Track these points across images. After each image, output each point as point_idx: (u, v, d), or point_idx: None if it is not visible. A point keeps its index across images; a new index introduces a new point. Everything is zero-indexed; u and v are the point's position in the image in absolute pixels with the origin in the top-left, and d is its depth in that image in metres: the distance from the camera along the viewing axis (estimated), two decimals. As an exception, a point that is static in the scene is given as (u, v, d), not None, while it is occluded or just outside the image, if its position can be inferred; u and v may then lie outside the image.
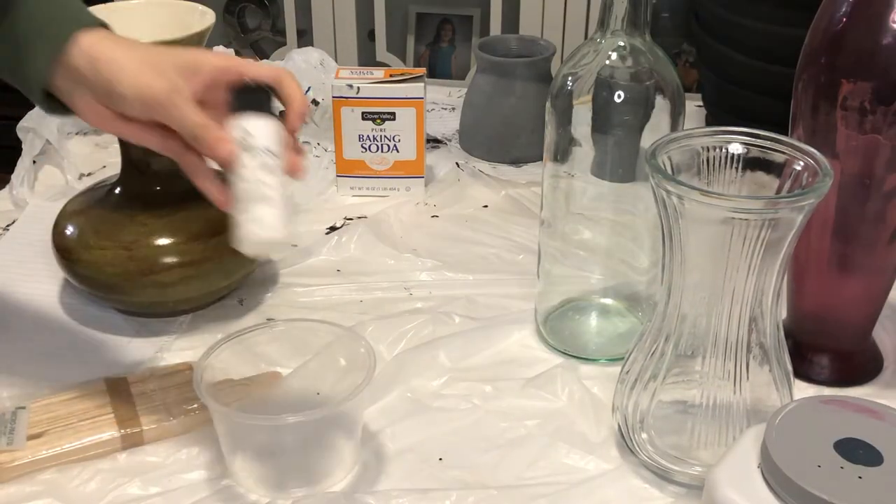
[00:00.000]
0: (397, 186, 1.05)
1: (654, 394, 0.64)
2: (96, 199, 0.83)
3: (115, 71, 0.59)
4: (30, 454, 0.66)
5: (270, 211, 0.60)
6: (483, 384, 0.75)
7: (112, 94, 0.60)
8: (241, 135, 0.61)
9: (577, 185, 0.76)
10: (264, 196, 0.60)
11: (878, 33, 0.65)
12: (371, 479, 0.66)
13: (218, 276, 0.81)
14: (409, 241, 0.96)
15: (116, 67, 0.59)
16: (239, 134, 0.61)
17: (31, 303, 0.86)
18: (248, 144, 0.61)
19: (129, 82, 0.59)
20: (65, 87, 0.61)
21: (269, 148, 0.61)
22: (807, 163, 0.59)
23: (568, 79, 0.72)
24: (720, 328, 0.61)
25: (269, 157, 0.61)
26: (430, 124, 1.19)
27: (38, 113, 1.16)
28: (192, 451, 0.69)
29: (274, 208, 0.60)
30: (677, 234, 0.59)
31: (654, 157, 0.59)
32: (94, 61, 0.59)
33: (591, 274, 0.81)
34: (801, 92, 0.69)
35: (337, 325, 0.71)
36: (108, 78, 0.59)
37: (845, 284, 0.73)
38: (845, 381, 0.76)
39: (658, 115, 0.72)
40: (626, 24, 0.70)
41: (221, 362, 0.68)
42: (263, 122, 0.62)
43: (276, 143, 0.62)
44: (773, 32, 0.96)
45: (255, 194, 0.60)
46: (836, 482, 0.50)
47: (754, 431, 0.56)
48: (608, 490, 0.66)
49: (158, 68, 0.60)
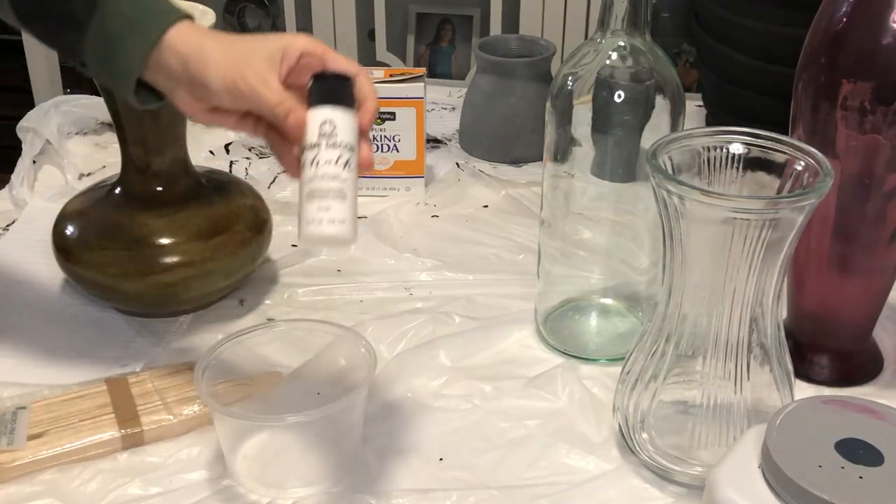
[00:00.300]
0: (397, 186, 1.05)
1: (655, 394, 0.64)
2: (96, 199, 0.83)
3: (203, 66, 0.60)
4: (30, 454, 0.66)
5: (341, 206, 0.58)
6: (483, 384, 0.75)
7: (201, 87, 0.61)
8: (325, 126, 0.60)
9: (577, 185, 0.76)
10: (339, 191, 0.58)
11: (878, 33, 0.65)
12: (371, 479, 0.66)
13: (218, 276, 0.81)
14: (409, 241, 0.96)
15: (204, 62, 0.60)
16: (324, 126, 0.60)
17: (31, 303, 0.86)
18: (331, 137, 0.60)
19: (215, 75, 0.60)
20: (158, 80, 0.62)
21: (349, 143, 0.60)
22: (807, 163, 0.59)
23: (568, 79, 0.72)
24: (721, 328, 0.61)
25: (347, 152, 0.60)
26: (430, 124, 1.19)
27: (38, 113, 1.16)
28: (193, 451, 0.69)
29: (345, 205, 0.59)
30: (678, 234, 0.59)
31: (655, 157, 0.59)
32: (182, 56, 0.60)
33: (591, 274, 0.81)
34: (802, 92, 0.69)
35: (337, 325, 0.71)
36: (197, 72, 0.60)
37: (845, 284, 0.73)
38: (845, 381, 0.76)
39: (658, 115, 0.72)
40: (627, 24, 0.70)
41: (222, 362, 0.68)
42: (344, 115, 0.60)
43: (355, 138, 0.61)
44: (773, 32, 0.96)
45: (329, 188, 0.58)
46: (836, 482, 0.50)
47: (755, 431, 0.56)
48: (609, 490, 0.66)
49: (244, 59, 0.60)
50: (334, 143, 0.59)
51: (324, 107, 0.60)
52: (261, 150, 1.16)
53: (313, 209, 0.58)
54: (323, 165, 0.59)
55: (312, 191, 0.58)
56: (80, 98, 1.20)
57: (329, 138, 0.59)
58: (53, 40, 0.65)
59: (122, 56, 0.61)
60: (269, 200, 0.92)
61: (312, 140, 0.59)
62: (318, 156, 0.59)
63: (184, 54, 0.60)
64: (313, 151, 0.59)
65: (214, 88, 0.60)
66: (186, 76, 0.61)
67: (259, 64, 0.60)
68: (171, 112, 0.79)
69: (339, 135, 0.59)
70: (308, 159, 0.59)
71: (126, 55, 0.61)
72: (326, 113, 0.60)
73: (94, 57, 0.62)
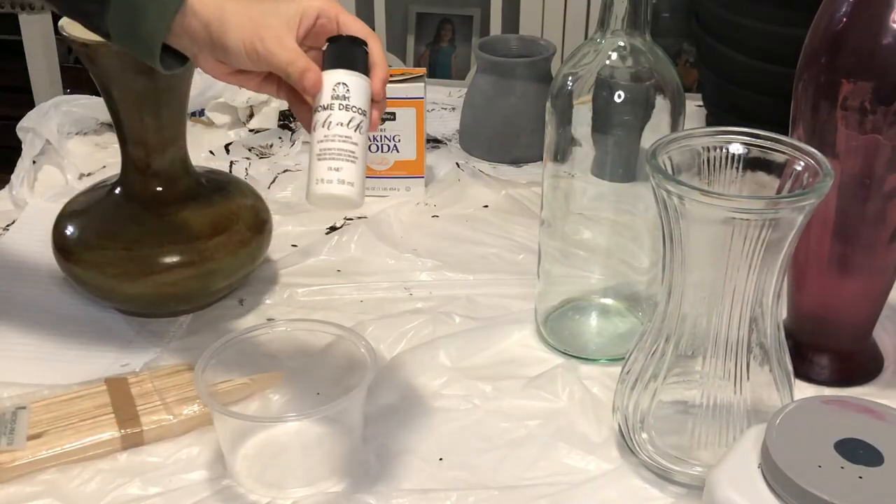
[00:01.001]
0: (397, 186, 1.05)
1: (655, 394, 0.64)
2: (96, 199, 0.83)
3: (223, 29, 0.61)
4: (30, 454, 0.66)
5: (351, 168, 0.60)
6: (483, 384, 0.75)
7: (221, 50, 0.62)
8: (339, 88, 0.61)
9: (578, 185, 0.76)
10: (350, 153, 0.60)
11: (878, 33, 0.65)
12: (371, 480, 0.66)
13: (218, 276, 0.81)
14: (409, 241, 0.96)
15: (223, 25, 0.61)
16: (337, 88, 0.61)
17: (32, 303, 0.86)
18: (343, 99, 0.61)
19: (234, 38, 0.61)
20: (183, 45, 0.63)
21: (361, 107, 0.61)
22: (807, 163, 0.59)
23: (568, 79, 0.72)
24: (720, 328, 0.61)
25: (360, 116, 0.61)
26: (430, 124, 1.19)
27: (38, 113, 1.16)
28: (192, 451, 0.68)
29: (355, 166, 0.60)
30: (678, 234, 0.59)
31: (655, 158, 0.59)
32: (204, 20, 0.61)
33: (592, 274, 0.81)
34: (802, 92, 0.69)
35: (337, 325, 0.71)
36: (218, 36, 0.61)
37: (845, 284, 0.73)
38: (845, 381, 0.76)
39: (658, 115, 0.72)
40: (627, 24, 0.70)
41: (221, 362, 0.68)
42: (357, 80, 0.61)
43: (367, 102, 0.62)
44: (773, 32, 0.96)
45: (341, 149, 0.60)
46: (836, 482, 0.50)
47: (755, 431, 0.56)
48: (609, 490, 0.66)
49: (262, 22, 0.61)
50: (346, 106, 0.61)
51: (338, 70, 0.61)
52: (261, 150, 1.16)
53: (323, 168, 0.59)
54: (335, 127, 0.60)
55: (323, 150, 0.60)
56: (80, 98, 1.20)
57: (342, 101, 0.61)
58: (76, 12, 0.65)
59: (146, 22, 0.61)
60: (269, 200, 0.92)
61: (325, 101, 0.61)
62: (331, 117, 0.60)
63: (205, 17, 0.61)
64: (326, 112, 0.61)
65: (234, 51, 0.61)
66: (208, 40, 0.61)
67: (277, 26, 0.61)
68: (171, 112, 0.79)
69: (351, 98, 0.61)
70: (320, 120, 0.61)
71: (149, 21, 0.61)
72: (340, 75, 0.61)
73: (118, 25, 0.63)
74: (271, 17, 0.62)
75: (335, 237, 0.95)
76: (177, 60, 0.65)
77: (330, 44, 0.63)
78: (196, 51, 0.63)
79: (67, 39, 0.74)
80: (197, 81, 1.06)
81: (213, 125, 1.20)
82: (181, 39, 0.62)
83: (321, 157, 0.60)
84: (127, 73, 0.75)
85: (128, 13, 0.62)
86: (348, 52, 0.62)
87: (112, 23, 0.62)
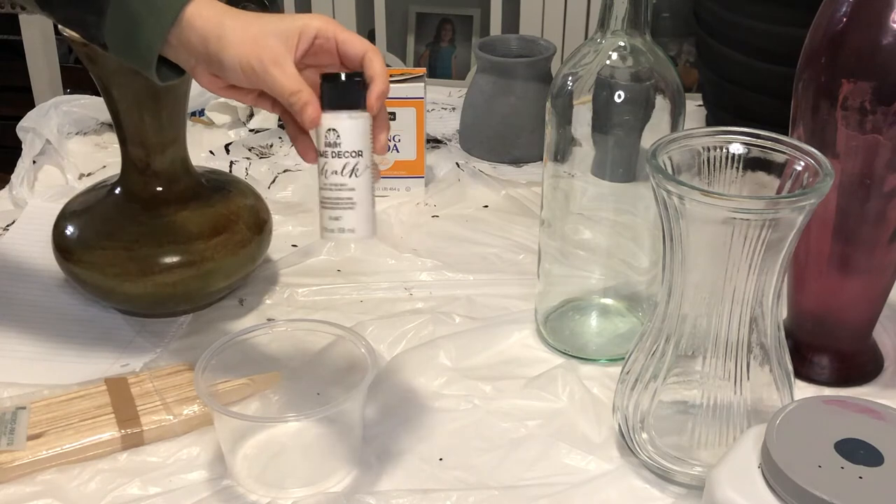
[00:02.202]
0: (397, 186, 1.05)
1: (655, 394, 0.64)
2: (96, 199, 0.83)
3: (220, 45, 0.61)
4: (30, 454, 0.66)
5: (350, 215, 0.62)
6: (483, 384, 0.75)
7: (218, 65, 0.62)
8: (329, 136, 0.62)
9: (578, 185, 0.76)
10: (348, 200, 0.62)
11: (878, 33, 0.65)
12: (371, 480, 0.66)
13: (218, 276, 0.81)
14: (409, 241, 0.96)
15: (221, 41, 0.61)
16: (328, 135, 0.62)
17: (32, 303, 0.86)
18: (335, 146, 0.62)
19: (232, 55, 0.61)
20: (179, 57, 0.63)
21: (354, 149, 0.62)
22: (807, 163, 0.59)
23: (568, 79, 0.72)
24: (721, 328, 0.61)
25: (354, 159, 0.62)
26: (430, 124, 1.19)
27: (38, 113, 1.16)
28: (192, 451, 0.69)
29: (355, 211, 0.62)
30: (678, 234, 0.59)
31: (655, 157, 0.59)
32: (201, 34, 0.61)
33: (592, 274, 0.81)
34: (801, 92, 0.69)
35: (337, 325, 0.71)
36: (215, 51, 0.61)
37: (845, 284, 0.73)
38: (845, 381, 0.76)
39: (658, 115, 0.72)
40: (627, 24, 0.70)
41: (222, 362, 0.68)
42: (350, 121, 0.62)
43: (365, 141, 0.62)
44: (773, 32, 0.96)
45: (338, 198, 0.62)
46: (836, 482, 0.50)
47: (755, 432, 0.56)
48: (609, 490, 0.66)
49: (260, 41, 0.61)
50: (339, 153, 0.62)
51: (329, 113, 0.62)
52: (261, 149, 1.16)
53: (326, 217, 0.63)
54: (331, 175, 0.62)
55: (324, 199, 0.63)
56: (80, 98, 1.20)
57: (334, 148, 0.62)
58: (74, 23, 0.65)
59: (142, 34, 0.61)
60: (269, 200, 0.92)
61: (321, 148, 0.62)
62: (326, 166, 0.62)
63: (203, 32, 0.61)
64: (322, 160, 0.62)
65: (230, 68, 0.61)
66: (205, 54, 0.61)
67: (275, 46, 0.61)
68: (171, 112, 0.79)
69: (343, 144, 0.62)
70: (319, 166, 0.63)
71: (146, 33, 0.61)
72: (330, 121, 0.62)
73: (115, 37, 0.62)
74: (270, 38, 0.61)
75: (335, 237, 0.95)
76: (173, 72, 0.64)
77: (323, 82, 0.63)
78: (193, 63, 0.63)
79: (67, 39, 0.74)
80: (197, 81, 1.06)
81: (213, 125, 1.20)
82: (178, 52, 0.62)
83: (323, 206, 0.63)
84: (127, 73, 0.75)
85: (124, 25, 0.61)
86: (341, 90, 0.62)
87: (109, 34, 0.62)
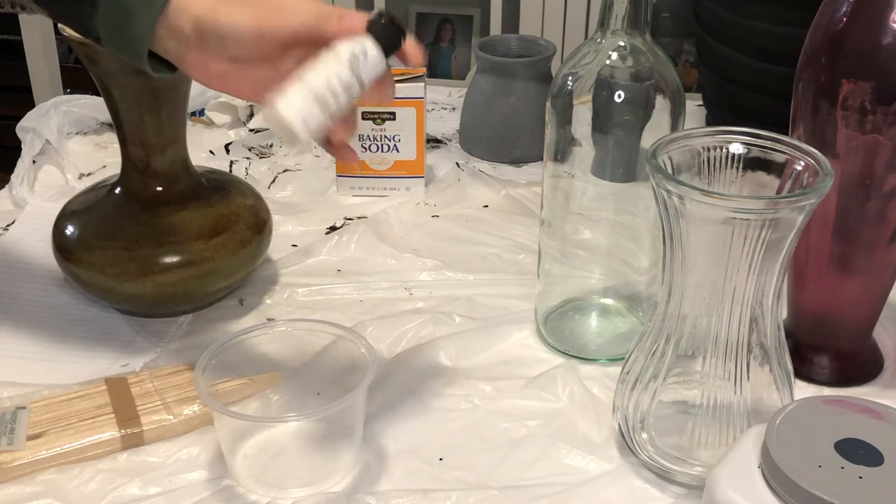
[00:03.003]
0: (397, 186, 1.05)
1: (655, 394, 0.64)
2: (96, 199, 0.83)
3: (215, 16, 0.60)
4: (30, 454, 0.66)
5: (305, 99, 0.59)
6: (483, 384, 0.75)
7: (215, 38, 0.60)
8: (356, 49, 0.60)
9: (578, 184, 0.76)
10: (317, 92, 0.59)
11: (878, 33, 0.65)
12: (371, 480, 0.66)
13: (218, 276, 0.81)
14: (409, 241, 0.96)
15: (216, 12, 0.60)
16: (355, 47, 0.60)
17: (32, 303, 0.86)
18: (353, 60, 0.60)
19: (231, 19, 0.60)
20: (169, 48, 0.62)
21: (363, 76, 0.60)
22: (807, 163, 0.59)
23: (568, 79, 0.72)
24: (721, 328, 0.61)
25: (354, 79, 0.60)
26: (430, 124, 1.19)
27: (38, 113, 1.16)
28: (192, 451, 0.68)
29: (311, 104, 0.59)
30: (678, 234, 0.59)
31: (655, 157, 0.59)
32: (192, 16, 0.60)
33: (592, 274, 0.81)
34: (801, 92, 0.69)
35: (337, 325, 0.71)
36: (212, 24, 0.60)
37: (845, 284, 0.73)
38: (845, 381, 0.76)
39: (658, 115, 0.72)
40: (627, 23, 0.70)
41: (221, 362, 0.68)
42: (379, 59, 0.61)
43: (371, 78, 0.61)
44: (773, 32, 0.96)
45: (312, 84, 0.59)
46: (836, 482, 0.50)
47: (755, 431, 0.56)
48: (609, 490, 0.65)
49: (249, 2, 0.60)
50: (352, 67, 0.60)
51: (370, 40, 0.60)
52: (261, 149, 1.16)
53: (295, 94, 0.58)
54: (332, 76, 0.59)
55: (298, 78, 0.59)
56: (80, 98, 1.20)
57: (353, 61, 0.60)
58: (67, 17, 0.65)
59: (133, 25, 0.61)
60: (269, 200, 0.92)
61: (342, 55, 0.59)
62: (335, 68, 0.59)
63: (195, 13, 0.60)
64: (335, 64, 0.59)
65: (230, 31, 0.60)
66: (197, 34, 0.60)
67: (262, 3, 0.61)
68: (171, 112, 0.79)
69: (361, 66, 0.60)
70: (323, 58, 0.60)
71: (136, 23, 0.61)
72: (367, 43, 0.60)
73: (107, 29, 0.62)
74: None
75: (335, 237, 0.95)
76: (166, 65, 0.64)
77: (377, 16, 0.61)
78: (184, 51, 0.62)
79: (67, 39, 0.74)
80: (197, 81, 1.06)
81: (213, 125, 1.20)
82: (167, 43, 0.62)
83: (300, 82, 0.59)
84: (127, 73, 0.75)
85: (116, 17, 0.61)
86: (387, 31, 0.61)
87: (101, 26, 0.62)
